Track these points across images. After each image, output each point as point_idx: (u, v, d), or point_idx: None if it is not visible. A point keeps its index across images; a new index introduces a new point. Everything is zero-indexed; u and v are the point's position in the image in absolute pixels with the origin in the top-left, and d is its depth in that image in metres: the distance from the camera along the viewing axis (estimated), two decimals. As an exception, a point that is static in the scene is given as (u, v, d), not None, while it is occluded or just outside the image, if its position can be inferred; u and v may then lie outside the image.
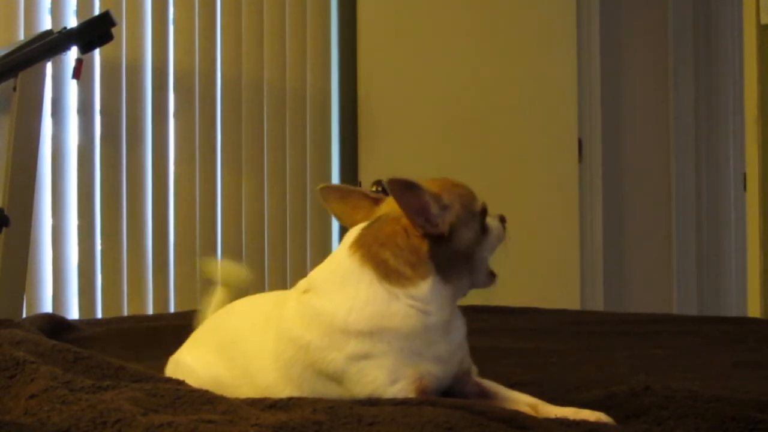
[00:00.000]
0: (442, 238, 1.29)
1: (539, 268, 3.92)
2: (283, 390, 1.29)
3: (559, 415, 1.22)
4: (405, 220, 1.31)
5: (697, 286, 4.49)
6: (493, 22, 4.03)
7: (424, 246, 1.29)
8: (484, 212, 1.35)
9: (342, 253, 1.33)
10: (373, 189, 3.87)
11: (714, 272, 4.51)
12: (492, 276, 1.38)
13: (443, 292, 1.30)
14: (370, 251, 1.30)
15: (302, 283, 1.36)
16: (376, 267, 1.29)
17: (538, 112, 4.05)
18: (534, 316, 2.65)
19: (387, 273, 1.29)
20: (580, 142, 4.11)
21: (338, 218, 1.43)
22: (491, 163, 3.97)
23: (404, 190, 1.28)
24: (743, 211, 3.61)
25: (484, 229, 1.35)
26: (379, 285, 1.28)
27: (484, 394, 1.34)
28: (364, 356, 1.26)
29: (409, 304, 1.28)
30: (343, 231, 1.40)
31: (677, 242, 4.43)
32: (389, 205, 1.36)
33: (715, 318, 2.99)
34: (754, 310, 3.40)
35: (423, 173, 1.38)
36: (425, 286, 1.29)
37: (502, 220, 1.39)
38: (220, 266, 1.71)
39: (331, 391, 1.27)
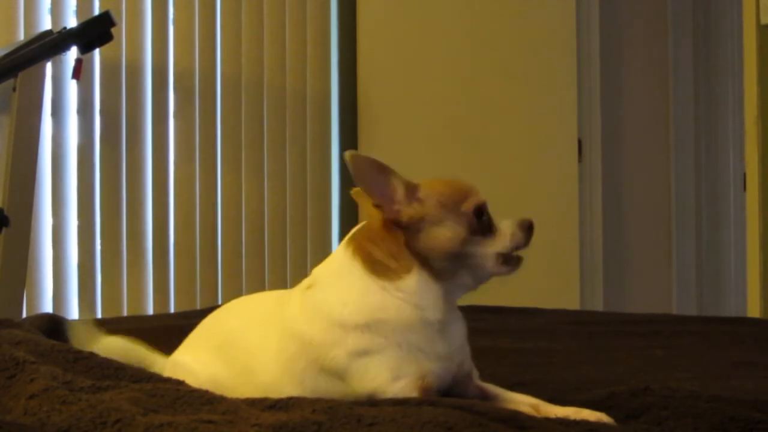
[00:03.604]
0: (409, 230, 1.29)
1: (539, 268, 3.89)
2: (284, 386, 1.29)
3: (559, 415, 1.23)
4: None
5: (697, 286, 4.49)
6: (492, 22, 4.03)
7: (401, 237, 1.30)
8: (479, 211, 1.31)
9: (339, 247, 1.36)
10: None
11: (714, 272, 4.51)
12: (506, 266, 1.32)
13: (433, 288, 1.30)
14: (360, 244, 1.32)
15: (306, 280, 1.37)
16: (363, 259, 1.31)
17: (538, 112, 4.05)
18: (534, 316, 2.65)
19: (373, 265, 1.30)
20: (580, 142, 4.11)
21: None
22: (491, 163, 3.96)
23: (368, 167, 1.29)
24: (743, 211, 3.61)
25: (484, 230, 1.31)
26: (368, 278, 1.30)
27: (486, 396, 1.34)
28: (365, 352, 1.26)
29: (399, 297, 1.28)
30: (343, 232, 1.40)
31: (677, 242, 4.43)
32: None
33: (715, 318, 2.99)
34: (754, 310, 3.40)
35: (423, 173, 1.38)
36: (411, 280, 1.29)
37: (525, 226, 1.33)
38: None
39: (334, 387, 1.27)
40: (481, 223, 1.31)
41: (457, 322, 1.35)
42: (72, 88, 3.52)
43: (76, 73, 3.19)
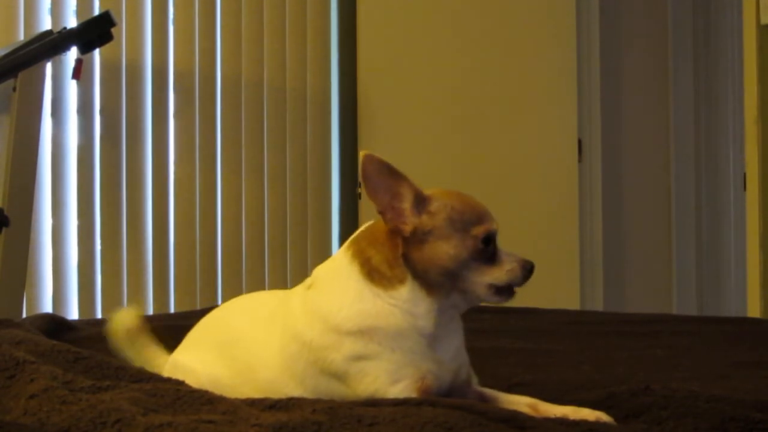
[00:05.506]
0: (411, 240, 1.28)
1: (539, 268, 3.90)
2: (286, 385, 1.30)
3: (558, 414, 1.23)
4: None
5: (697, 286, 4.49)
6: (492, 22, 4.03)
7: (399, 245, 1.29)
8: (486, 240, 1.29)
9: (341, 249, 1.35)
10: (359, 192, 3.88)
11: (714, 272, 4.51)
12: (497, 296, 1.31)
13: (426, 301, 1.29)
14: (359, 248, 1.32)
15: (308, 279, 1.37)
16: (361, 265, 1.30)
17: (538, 112, 4.05)
18: (534, 316, 2.65)
19: (370, 271, 1.30)
20: (580, 142, 4.11)
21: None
22: (491, 163, 3.97)
23: (378, 170, 1.27)
24: (743, 211, 3.61)
25: (487, 258, 1.29)
26: (363, 283, 1.29)
27: (484, 400, 1.34)
28: (361, 357, 1.27)
29: (391, 304, 1.28)
30: (343, 232, 1.40)
31: (677, 242, 4.43)
32: None
33: (715, 318, 2.99)
34: (754, 310, 3.40)
35: (423, 173, 1.38)
36: (404, 291, 1.28)
37: (527, 268, 1.32)
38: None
39: (334, 388, 1.28)
40: (486, 251, 1.29)
41: (453, 333, 1.34)
42: (72, 88, 3.52)
43: (76, 73, 3.20)
